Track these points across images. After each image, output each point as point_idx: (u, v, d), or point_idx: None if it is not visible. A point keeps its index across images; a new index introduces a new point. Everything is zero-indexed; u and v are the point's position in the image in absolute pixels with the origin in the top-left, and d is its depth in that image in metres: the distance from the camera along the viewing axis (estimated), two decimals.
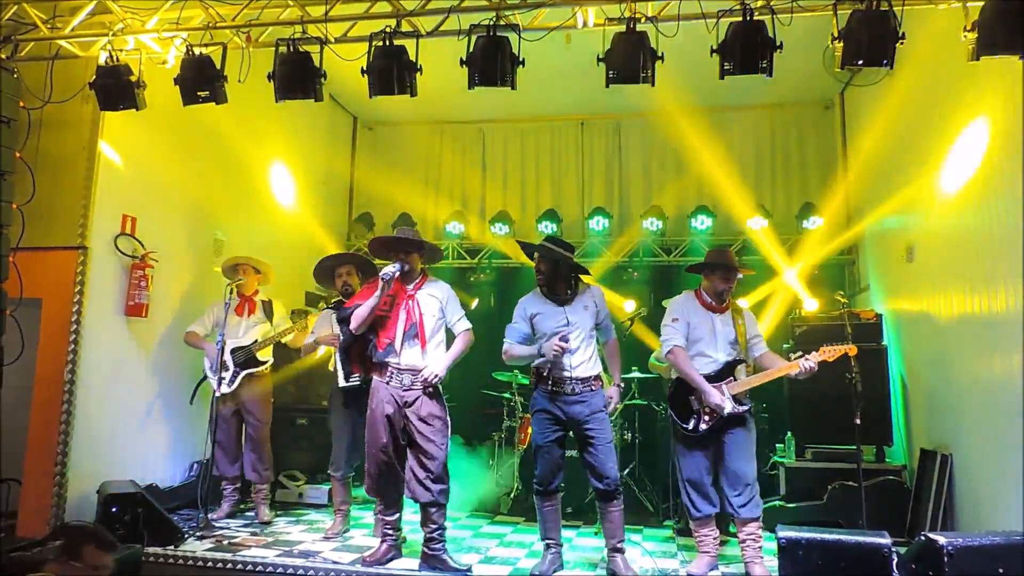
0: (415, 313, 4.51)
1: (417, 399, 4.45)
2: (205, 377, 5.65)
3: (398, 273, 4.45)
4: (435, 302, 4.61)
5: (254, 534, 5.27)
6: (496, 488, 6.55)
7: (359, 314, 4.50)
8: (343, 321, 4.75)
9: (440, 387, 4.58)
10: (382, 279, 4.41)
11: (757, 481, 4.39)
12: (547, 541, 4.53)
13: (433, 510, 4.44)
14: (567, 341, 4.33)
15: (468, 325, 4.67)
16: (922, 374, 5.91)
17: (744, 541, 4.37)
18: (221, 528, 5.36)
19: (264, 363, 5.72)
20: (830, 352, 4.36)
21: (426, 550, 4.49)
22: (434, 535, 4.48)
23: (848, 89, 7.83)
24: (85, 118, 5.29)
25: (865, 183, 7.34)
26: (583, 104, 8.40)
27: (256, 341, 5.66)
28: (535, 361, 4.52)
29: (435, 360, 4.50)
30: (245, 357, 5.62)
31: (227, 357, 5.56)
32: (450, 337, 4.71)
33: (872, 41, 3.72)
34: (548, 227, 8.17)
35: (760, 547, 4.36)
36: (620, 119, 8.75)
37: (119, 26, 4.76)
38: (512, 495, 6.40)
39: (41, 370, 5.14)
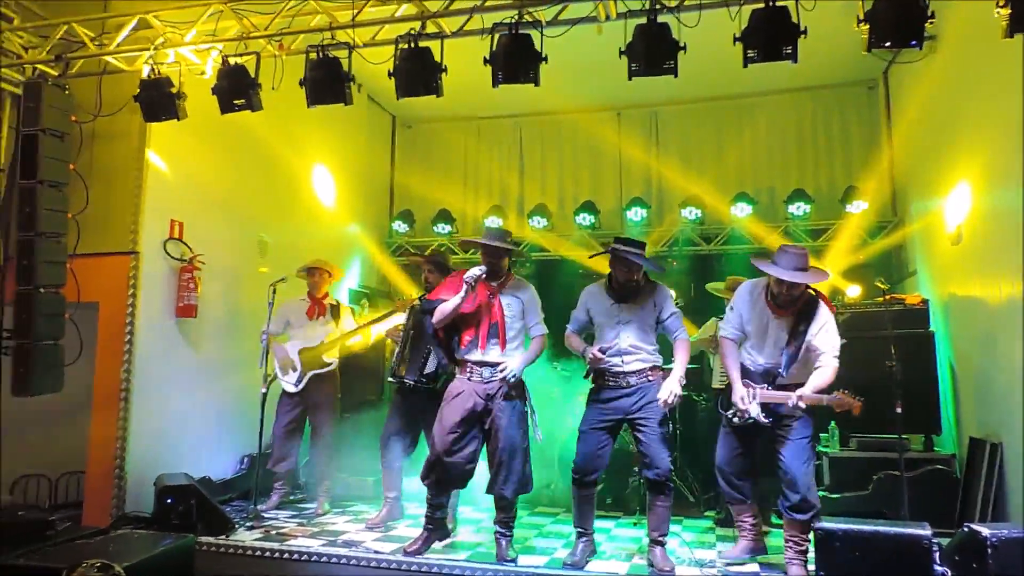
0: (497, 314, 4.59)
1: (498, 391, 4.52)
2: (276, 376, 5.85)
3: (483, 276, 4.52)
4: (517, 304, 4.63)
5: (301, 524, 5.46)
6: (536, 480, 6.59)
7: (443, 309, 4.59)
8: (426, 313, 4.83)
9: (523, 385, 4.64)
10: (466, 281, 4.48)
11: (808, 484, 4.21)
12: (579, 530, 4.57)
13: (501, 504, 4.55)
14: (604, 353, 4.39)
15: (544, 330, 4.70)
16: (971, 360, 5.73)
17: (787, 541, 4.32)
18: (270, 519, 5.56)
19: (330, 364, 5.89)
20: (838, 403, 4.14)
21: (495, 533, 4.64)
22: (499, 524, 4.59)
23: (892, 68, 7.59)
24: (133, 129, 5.52)
25: (910, 164, 7.14)
26: (619, 95, 8.32)
27: (323, 343, 5.84)
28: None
29: (513, 359, 4.54)
30: (312, 358, 5.81)
31: (295, 357, 5.78)
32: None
33: (900, 22, 3.62)
34: (586, 219, 8.20)
35: (803, 550, 4.26)
36: (657, 109, 8.68)
37: (160, 40, 4.97)
38: (552, 486, 6.45)
39: (100, 369, 5.43)
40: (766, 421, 4.26)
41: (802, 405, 4.14)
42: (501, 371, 4.50)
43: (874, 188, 7.53)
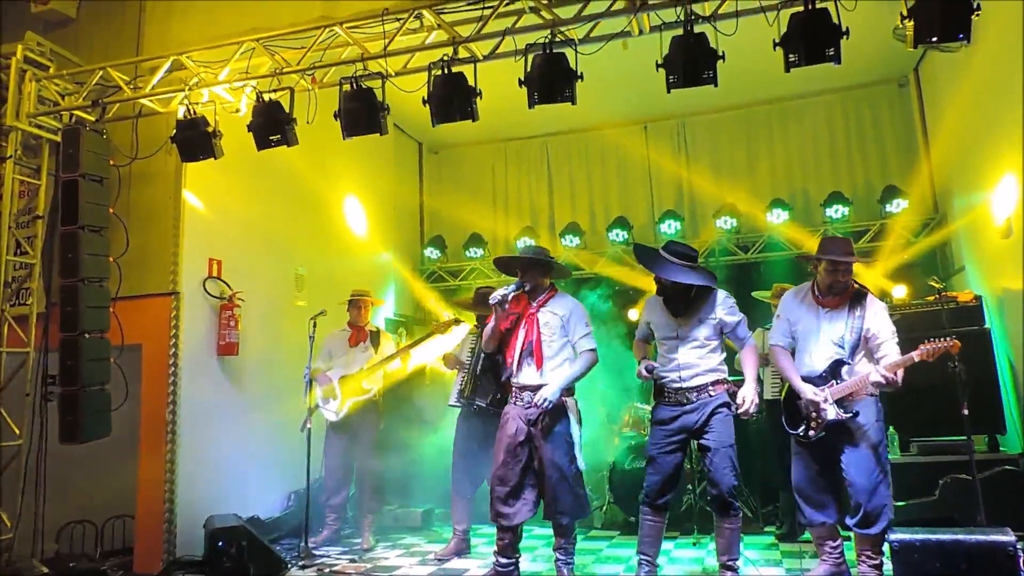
0: (533, 332, 4.48)
1: (540, 417, 4.40)
2: (317, 406, 5.81)
3: (510, 295, 4.41)
4: (556, 319, 4.48)
5: (353, 561, 5.37)
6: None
7: (484, 334, 4.63)
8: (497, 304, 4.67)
9: (569, 404, 4.46)
10: (492, 302, 4.42)
11: (880, 492, 4.04)
12: (642, 557, 4.37)
13: (559, 529, 4.45)
14: (651, 372, 4.32)
15: (591, 345, 4.48)
16: None
17: (859, 556, 4.13)
18: (321, 556, 5.48)
19: (369, 391, 5.85)
20: (929, 351, 3.99)
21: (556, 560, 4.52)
22: (558, 553, 4.48)
23: (923, 64, 7.48)
24: (169, 170, 5.57)
25: (951, 159, 6.98)
26: (645, 108, 8.33)
27: (361, 370, 5.82)
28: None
29: (551, 383, 4.37)
30: (352, 385, 5.79)
31: (336, 386, 5.75)
32: None
33: (946, 15, 3.52)
34: (619, 235, 8.13)
35: (877, 564, 4.07)
36: (684, 119, 8.62)
37: (194, 80, 4.99)
38: (604, 509, 6.33)
39: (145, 410, 5.41)
40: (848, 415, 4.09)
41: (888, 375, 3.94)
42: (534, 402, 4.37)
43: (913, 186, 7.40)
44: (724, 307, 4.36)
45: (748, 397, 4.21)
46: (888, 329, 4.16)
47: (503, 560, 4.51)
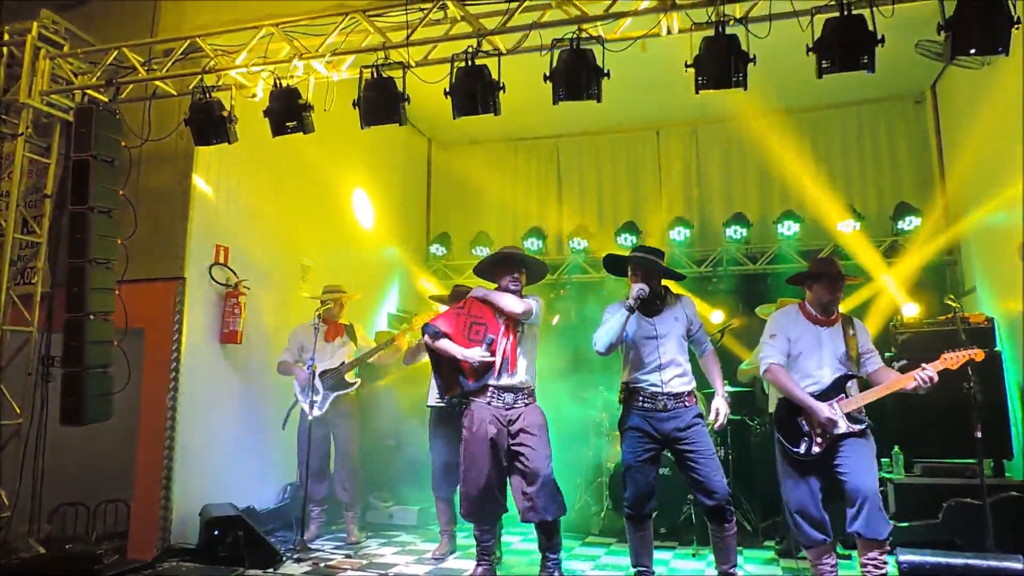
0: (509, 339, 4.49)
1: (520, 416, 4.42)
2: (297, 401, 5.74)
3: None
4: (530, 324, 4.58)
5: (348, 556, 5.30)
6: (585, 508, 6.42)
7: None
8: (430, 336, 4.66)
9: (541, 410, 4.56)
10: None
11: (879, 497, 3.99)
12: (639, 569, 4.30)
13: (546, 528, 4.39)
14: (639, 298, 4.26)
15: (530, 305, 4.53)
16: None
17: (864, 566, 4.03)
18: (316, 551, 5.41)
19: (352, 384, 5.80)
20: (952, 359, 4.00)
21: (542, 568, 4.45)
22: (547, 553, 4.42)
23: (940, 81, 7.44)
24: (180, 153, 5.50)
25: (966, 178, 6.93)
26: (658, 113, 8.29)
27: (344, 363, 5.74)
28: (623, 376, 4.41)
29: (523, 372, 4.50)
30: (334, 379, 5.71)
31: (317, 381, 5.65)
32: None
33: (985, 28, 3.48)
34: (627, 239, 8.06)
35: (884, 573, 3.99)
36: (697, 127, 8.57)
37: (211, 64, 4.92)
38: (602, 515, 6.26)
39: (146, 396, 5.35)
40: (860, 427, 4.07)
41: (932, 375, 3.93)
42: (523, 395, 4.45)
43: (926, 203, 7.36)
44: (689, 306, 4.43)
45: (722, 410, 4.22)
46: (871, 344, 4.31)
47: (482, 544, 4.61)
